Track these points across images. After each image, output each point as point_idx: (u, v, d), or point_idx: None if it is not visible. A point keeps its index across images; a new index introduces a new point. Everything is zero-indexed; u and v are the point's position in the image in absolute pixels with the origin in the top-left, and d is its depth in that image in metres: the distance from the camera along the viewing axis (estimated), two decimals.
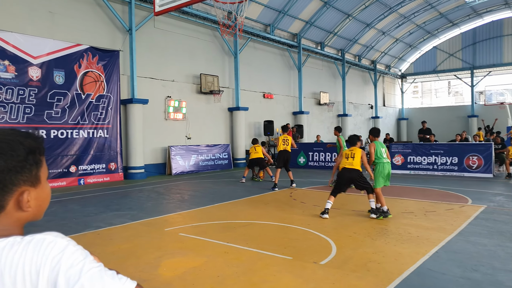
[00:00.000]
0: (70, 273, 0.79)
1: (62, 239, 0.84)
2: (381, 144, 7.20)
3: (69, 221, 6.83)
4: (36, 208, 0.93)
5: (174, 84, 15.23)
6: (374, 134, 7.33)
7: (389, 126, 32.38)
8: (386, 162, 7.02)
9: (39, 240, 0.83)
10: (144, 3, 13.64)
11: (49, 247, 0.81)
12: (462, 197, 8.95)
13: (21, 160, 0.88)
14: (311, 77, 23.22)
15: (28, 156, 0.89)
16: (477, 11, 27.59)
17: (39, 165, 0.93)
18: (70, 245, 0.83)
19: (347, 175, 7.05)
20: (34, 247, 0.81)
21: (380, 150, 7.08)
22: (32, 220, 0.94)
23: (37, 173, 0.92)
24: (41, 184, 0.94)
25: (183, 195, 9.89)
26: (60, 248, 0.81)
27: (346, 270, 4.23)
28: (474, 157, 13.03)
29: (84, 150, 12.03)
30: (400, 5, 23.20)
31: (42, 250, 0.81)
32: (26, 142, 0.90)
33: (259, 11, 18.37)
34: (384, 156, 7.05)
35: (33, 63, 10.85)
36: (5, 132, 0.90)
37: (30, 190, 0.91)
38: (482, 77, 30.20)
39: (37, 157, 0.92)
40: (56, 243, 0.82)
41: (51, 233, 0.85)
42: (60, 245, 0.82)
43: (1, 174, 0.85)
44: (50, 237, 0.83)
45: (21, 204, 0.89)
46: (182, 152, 14.89)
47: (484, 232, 5.77)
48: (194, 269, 4.32)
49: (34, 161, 0.91)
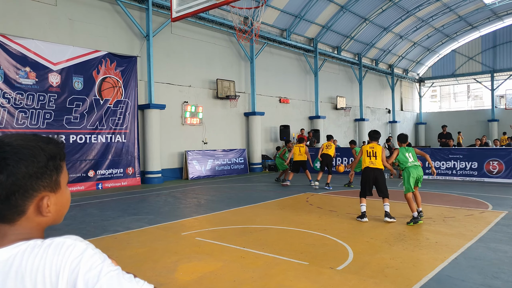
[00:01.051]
0: (88, 275, 0.80)
1: (81, 242, 0.85)
2: (407, 149, 7.15)
3: (87, 225, 6.96)
4: (56, 213, 0.94)
5: (190, 89, 15.39)
6: (402, 140, 7.29)
7: (406, 130, 31.89)
8: (411, 166, 6.95)
9: (58, 243, 0.84)
10: (161, 9, 13.87)
11: (69, 250, 0.83)
12: (482, 202, 8.74)
13: (42, 166, 0.89)
14: (328, 82, 23.11)
15: (49, 162, 0.90)
16: (497, 14, 27.02)
17: (60, 171, 0.94)
18: (89, 249, 0.84)
19: (372, 175, 7.13)
20: (54, 250, 0.83)
21: (405, 155, 7.05)
22: (52, 224, 0.96)
23: (57, 179, 0.93)
24: (61, 189, 0.95)
25: (200, 199, 9.95)
26: (79, 251, 0.83)
27: (363, 276, 4.17)
28: (494, 162, 12.73)
29: (102, 155, 12.24)
30: (418, 9, 22.93)
31: (62, 253, 0.82)
32: (47, 148, 0.91)
33: (275, 16, 18.44)
34: (409, 161, 7.00)
35: (53, 70, 11.13)
36: (27, 138, 0.91)
37: (50, 195, 0.92)
38: (503, 80, 29.51)
39: (58, 162, 0.93)
40: (76, 246, 0.84)
41: (70, 237, 0.86)
42: (79, 248, 0.84)
43: (22, 180, 0.86)
44: (70, 241, 0.85)
45: (41, 209, 0.90)
46: (198, 157, 15.00)
47: (505, 238, 5.62)
48: (211, 273, 4.34)
49: (54, 167, 0.92)
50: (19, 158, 0.87)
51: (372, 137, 7.42)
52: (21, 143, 0.89)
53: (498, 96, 30.01)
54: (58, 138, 0.97)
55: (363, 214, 7.03)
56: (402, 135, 7.40)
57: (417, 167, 7.00)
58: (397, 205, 8.17)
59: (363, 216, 7.00)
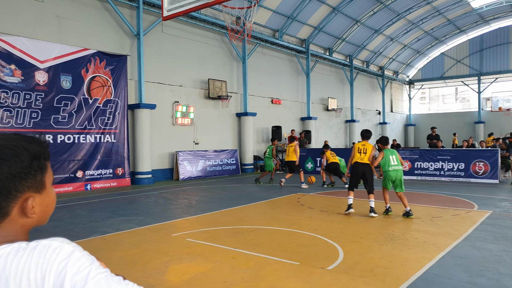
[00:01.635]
0: (76, 278, 0.78)
1: (68, 244, 0.83)
2: (391, 151, 7.62)
3: (75, 227, 6.88)
4: (41, 214, 0.92)
5: (182, 89, 15.32)
6: (383, 143, 7.78)
7: (396, 132, 32.23)
8: (392, 170, 7.42)
9: (44, 245, 0.82)
10: (152, 8, 13.78)
11: (55, 253, 0.80)
12: (468, 202, 8.89)
13: (26, 166, 0.87)
14: (319, 83, 23.23)
15: (33, 162, 0.88)
16: (485, 18, 27.48)
17: (44, 171, 0.92)
18: (76, 251, 0.82)
19: (360, 169, 7.65)
20: (40, 252, 0.80)
21: (389, 159, 7.48)
22: (37, 225, 0.94)
23: (42, 179, 0.91)
24: (46, 189, 0.93)
25: (191, 200, 9.91)
26: (66, 253, 0.81)
27: (353, 275, 4.21)
28: (480, 163, 12.96)
29: (91, 155, 12.10)
30: (408, 12, 23.19)
31: (48, 255, 0.80)
32: (30, 147, 0.89)
33: (267, 16, 18.47)
34: (392, 164, 7.43)
35: (40, 68, 10.94)
36: (9, 138, 0.89)
37: (34, 196, 0.90)
38: (489, 83, 30.03)
39: (42, 162, 0.91)
40: (62, 249, 0.81)
41: (57, 239, 0.84)
42: (66, 250, 0.81)
43: (5, 180, 0.84)
44: (56, 243, 0.83)
45: (26, 210, 0.88)
46: (189, 157, 14.93)
47: (490, 237, 5.74)
48: (202, 274, 4.33)
49: (38, 166, 0.90)
50: (1, 158, 0.84)
51: (364, 136, 7.93)
52: (3, 142, 0.87)
53: (485, 99, 30.53)
54: (42, 137, 0.95)
55: (349, 206, 7.58)
56: (384, 138, 7.92)
57: (397, 171, 7.42)
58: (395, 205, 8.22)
59: (349, 207, 7.57)
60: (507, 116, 28.22)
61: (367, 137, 7.85)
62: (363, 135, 7.93)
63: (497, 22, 28.45)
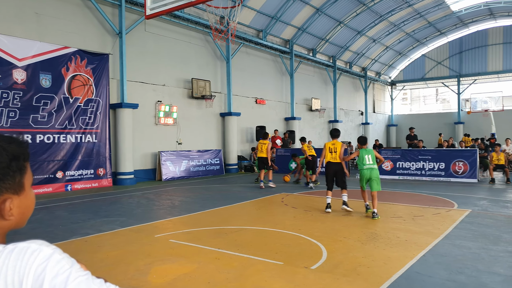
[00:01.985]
0: (55, 282, 0.76)
1: (47, 247, 0.80)
2: (367, 151, 7.69)
3: (55, 228, 6.72)
4: (19, 216, 0.89)
5: (165, 88, 15.17)
6: (361, 143, 7.95)
7: (378, 132, 32.69)
8: (366, 168, 7.54)
9: (22, 248, 0.79)
10: (134, 6, 13.60)
11: (33, 256, 0.78)
12: (448, 201, 9.08)
13: (4, 167, 0.84)
14: (303, 83, 23.36)
15: (12, 162, 0.85)
16: (464, 21, 28.17)
17: (23, 172, 0.89)
18: (55, 253, 0.80)
19: (333, 168, 7.97)
20: (17, 256, 0.78)
21: (363, 157, 7.59)
22: (15, 228, 0.91)
23: (20, 180, 0.88)
24: (25, 191, 0.90)
25: (174, 201, 9.81)
26: (45, 256, 0.78)
27: (337, 274, 4.23)
28: (460, 162, 13.25)
29: (71, 155, 11.86)
30: (391, 13, 23.55)
31: (25, 259, 0.77)
32: (9, 148, 0.86)
33: (251, 16, 18.46)
34: (366, 163, 7.55)
35: (18, 66, 10.64)
36: None
37: (13, 198, 0.87)
38: (468, 85, 30.78)
39: (21, 163, 0.88)
40: (41, 251, 0.79)
41: (35, 241, 0.81)
42: (45, 253, 0.79)
43: None
44: (35, 245, 0.80)
45: (3, 212, 0.85)
46: (172, 158, 14.79)
47: (469, 235, 5.87)
48: (185, 275, 4.28)
49: (17, 167, 0.87)
50: None
51: (333, 135, 8.24)
52: None
53: (464, 100, 31.28)
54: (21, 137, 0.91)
55: (327, 205, 7.86)
56: (362, 138, 8.07)
57: (372, 169, 7.51)
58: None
59: (327, 207, 7.84)
60: (485, 117, 28.96)
61: (336, 136, 8.17)
62: (333, 134, 8.26)
63: (476, 25, 29.21)
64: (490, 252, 4.99)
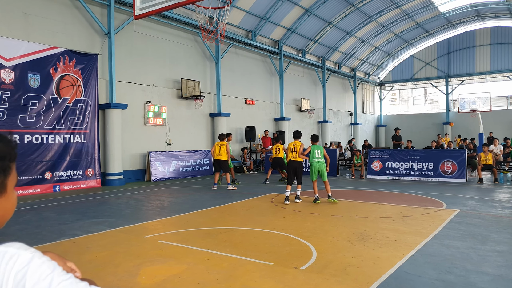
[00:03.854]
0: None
1: (25, 251, 0.77)
2: (317, 147, 9.20)
3: (43, 230, 6.63)
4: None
5: (154, 89, 15.08)
6: (313, 139, 9.39)
7: (367, 132, 32.95)
8: (315, 161, 9.07)
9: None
10: (123, 6, 13.49)
11: (12, 261, 0.74)
12: (437, 201, 9.18)
13: None
14: (293, 84, 23.43)
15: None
16: (451, 22, 28.54)
17: (7, 173, 0.85)
18: (35, 258, 0.76)
19: (293, 165, 9.20)
20: None
21: (314, 152, 9.09)
22: None
23: (4, 182, 0.84)
24: (7, 193, 0.86)
25: (163, 201, 9.76)
26: (24, 261, 0.75)
27: (326, 274, 4.25)
28: (448, 162, 13.40)
29: (60, 156, 11.72)
30: (379, 14, 23.75)
31: (3, 264, 0.74)
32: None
33: (241, 17, 18.45)
34: (315, 157, 9.06)
35: (5, 66, 10.50)
36: None
37: None
38: (456, 85, 31.20)
39: (7, 163, 0.85)
40: (20, 256, 0.75)
41: (13, 245, 0.78)
42: (24, 258, 0.75)
43: None
44: (12, 249, 0.76)
45: None
46: (162, 158, 14.70)
47: (458, 235, 5.94)
48: (174, 276, 4.26)
49: (2, 168, 0.84)
50: None
51: (294, 136, 9.44)
52: None
53: (452, 100, 31.70)
54: (9, 137, 0.88)
55: (286, 198, 8.98)
56: (314, 136, 9.55)
57: (320, 162, 9.07)
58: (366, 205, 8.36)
59: (286, 199, 8.94)
60: (473, 118, 29.40)
61: (298, 137, 9.40)
62: (294, 135, 9.48)
63: (463, 27, 29.62)
64: (478, 252, 5.04)
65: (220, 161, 11.75)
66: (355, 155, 15.86)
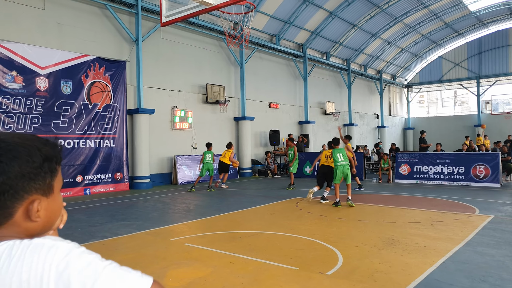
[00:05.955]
0: (84, 275, 0.74)
1: (62, 242, 0.79)
2: (339, 150, 9.31)
3: (74, 231, 6.85)
4: (45, 219, 0.88)
5: (180, 94, 15.34)
6: (334, 143, 9.47)
7: (395, 135, 32.25)
8: (339, 165, 9.11)
9: (37, 244, 0.77)
10: (150, 14, 13.83)
11: (51, 252, 0.76)
12: (469, 207, 8.85)
13: (36, 167, 0.83)
14: (317, 87, 23.27)
15: (44, 163, 0.85)
16: (482, 21, 27.59)
17: (54, 174, 0.88)
18: (74, 248, 0.78)
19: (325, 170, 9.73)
20: (33, 252, 0.76)
21: (336, 156, 9.17)
22: (41, 232, 0.88)
23: (51, 182, 0.87)
24: (54, 194, 0.89)
25: (189, 205, 9.88)
26: (64, 251, 0.76)
27: (353, 280, 4.18)
28: (481, 166, 12.91)
29: (90, 160, 12.10)
30: (405, 15, 23.28)
31: (42, 255, 0.75)
32: (44, 149, 0.86)
33: (265, 21, 18.53)
34: (339, 161, 9.11)
35: (40, 74, 10.99)
36: (24, 137, 0.86)
37: (41, 199, 0.85)
38: (488, 86, 30.08)
39: (53, 165, 0.88)
40: (58, 247, 0.77)
41: (49, 237, 0.80)
42: (64, 248, 0.77)
43: (14, 179, 0.80)
44: (50, 241, 0.78)
45: (30, 213, 0.84)
46: (188, 162, 14.91)
47: (492, 242, 5.69)
48: (200, 279, 4.30)
49: (49, 169, 0.86)
50: (13, 156, 0.81)
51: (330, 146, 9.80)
52: (18, 141, 0.84)
53: (484, 102, 30.57)
54: (56, 141, 0.92)
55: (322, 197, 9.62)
56: (335, 139, 9.58)
57: (344, 166, 9.10)
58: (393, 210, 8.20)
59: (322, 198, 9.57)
60: (507, 120, 28.26)
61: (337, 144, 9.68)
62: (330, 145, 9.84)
63: (496, 25, 28.57)
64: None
65: (222, 163, 13.20)
66: (382, 159, 15.56)
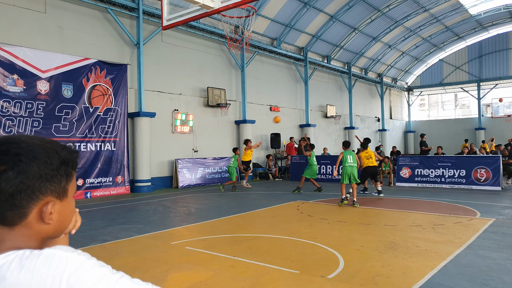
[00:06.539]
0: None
1: (73, 253, 0.78)
2: (349, 152, 10.03)
3: (75, 235, 6.82)
4: (58, 223, 0.88)
5: (181, 97, 15.36)
6: (345, 145, 10.25)
7: (396, 138, 32.23)
8: (348, 166, 9.80)
9: (48, 255, 0.76)
10: (152, 17, 13.88)
11: (62, 264, 0.75)
12: (470, 210, 8.83)
13: (54, 169, 0.85)
14: (318, 90, 23.30)
15: (61, 166, 0.87)
16: (483, 25, 27.64)
17: (69, 179, 0.90)
18: (85, 260, 0.78)
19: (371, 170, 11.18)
20: (43, 263, 0.75)
21: (346, 157, 9.87)
22: (52, 236, 0.89)
23: (66, 186, 0.89)
24: (67, 198, 0.90)
25: (190, 208, 9.87)
26: (76, 264, 0.76)
27: (354, 284, 4.17)
28: (482, 169, 12.89)
29: (91, 163, 12.10)
30: (406, 19, 23.33)
31: (53, 267, 0.74)
32: (62, 152, 0.88)
33: (265, 25, 18.58)
34: (348, 162, 9.80)
35: (41, 77, 11.01)
36: (44, 140, 0.89)
37: (55, 202, 0.87)
38: (489, 89, 30.08)
39: (69, 170, 0.90)
40: (70, 259, 0.76)
41: (60, 247, 0.79)
42: (75, 260, 0.76)
43: (32, 179, 0.82)
44: (61, 252, 0.77)
45: (44, 215, 0.84)
46: (189, 165, 14.91)
47: (493, 245, 5.68)
48: (201, 283, 4.29)
49: (65, 173, 0.88)
50: (33, 156, 0.83)
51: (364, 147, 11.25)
52: (38, 142, 0.86)
53: (485, 105, 30.56)
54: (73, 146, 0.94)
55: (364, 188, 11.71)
56: (346, 142, 10.33)
57: (352, 167, 9.79)
58: (395, 213, 8.19)
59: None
60: (508, 122, 28.23)
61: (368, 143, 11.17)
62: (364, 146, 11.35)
63: (496, 29, 28.60)
64: None
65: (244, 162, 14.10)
66: (383, 162, 15.54)
